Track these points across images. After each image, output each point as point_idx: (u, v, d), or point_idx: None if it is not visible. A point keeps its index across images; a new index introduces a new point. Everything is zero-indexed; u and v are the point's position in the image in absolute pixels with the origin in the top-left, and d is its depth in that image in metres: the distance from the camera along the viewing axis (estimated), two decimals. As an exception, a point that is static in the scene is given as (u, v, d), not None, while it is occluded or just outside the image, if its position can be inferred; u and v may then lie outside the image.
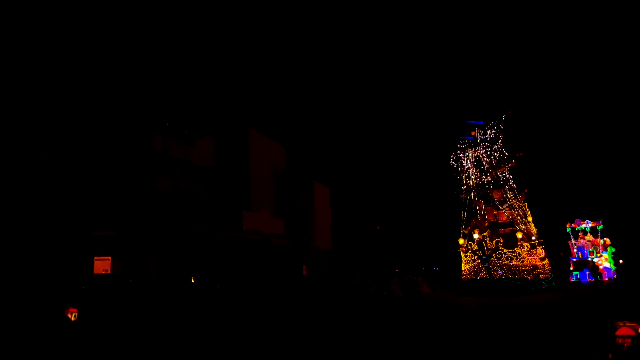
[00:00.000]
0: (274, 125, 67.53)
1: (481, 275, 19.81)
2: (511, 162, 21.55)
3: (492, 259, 19.55)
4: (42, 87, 23.89)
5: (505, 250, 19.57)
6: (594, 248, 29.15)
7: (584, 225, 30.30)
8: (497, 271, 19.44)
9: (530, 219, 21.63)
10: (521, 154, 21.67)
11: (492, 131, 21.92)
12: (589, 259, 28.91)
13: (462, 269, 20.90)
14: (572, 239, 30.57)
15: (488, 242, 19.77)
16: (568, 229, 30.83)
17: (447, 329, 9.78)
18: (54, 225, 21.28)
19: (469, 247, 20.45)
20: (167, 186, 26.71)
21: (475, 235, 20.30)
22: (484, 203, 21.34)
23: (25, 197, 20.42)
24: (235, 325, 12.34)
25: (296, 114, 79.98)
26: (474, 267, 20.11)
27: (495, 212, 21.33)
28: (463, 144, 22.39)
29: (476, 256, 20.00)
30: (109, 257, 23.55)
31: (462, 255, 20.91)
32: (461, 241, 20.87)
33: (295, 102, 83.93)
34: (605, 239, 29.45)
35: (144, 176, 25.49)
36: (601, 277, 27.85)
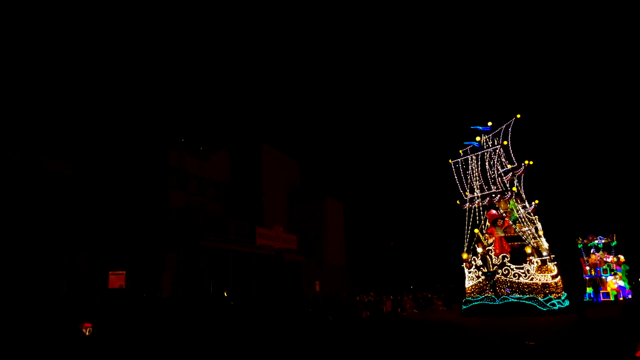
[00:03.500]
0: (287, 140, 68.15)
1: (486, 293, 18.76)
2: (519, 171, 20.35)
3: (498, 276, 18.51)
4: (58, 104, 24.76)
5: (512, 266, 18.36)
6: (608, 266, 27.50)
7: (596, 242, 28.69)
8: (504, 289, 18.29)
9: (541, 232, 20.29)
10: (530, 162, 20.41)
11: (499, 137, 20.55)
12: (603, 277, 27.42)
13: (466, 286, 19.80)
14: (584, 256, 28.97)
15: (493, 257, 18.80)
16: (580, 245, 29.21)
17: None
18: (68, 239, 21.80)
19: (473, 263, 19.49)
20: (181, 201, 27.12)
21: (479, 250, 19.38)
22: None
23: (40, 212, 21.02)
24: (247, 341, 12.29)
25: (310, 129, 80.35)
26: (479, 284, 19.08)
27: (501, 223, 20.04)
28: (467, 150, 21.02)
29: (480, 272, 19.10)
30: (124, 272, 23.94)
31: (466, 271, 19.90)
32: (465, 256, 19.83)
33: (309, 117, 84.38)
34: (619, 256, 27.80)
35: (158, 191, 25.95)
36: (610, 296, 26.62)
